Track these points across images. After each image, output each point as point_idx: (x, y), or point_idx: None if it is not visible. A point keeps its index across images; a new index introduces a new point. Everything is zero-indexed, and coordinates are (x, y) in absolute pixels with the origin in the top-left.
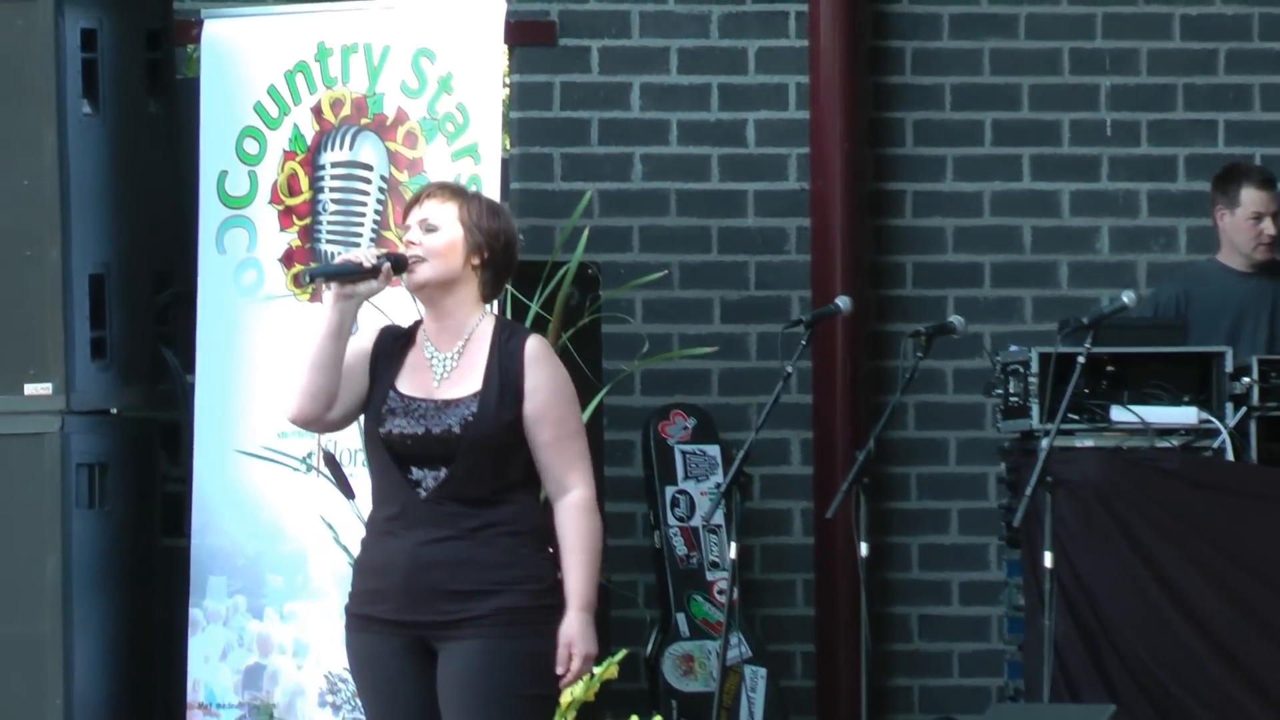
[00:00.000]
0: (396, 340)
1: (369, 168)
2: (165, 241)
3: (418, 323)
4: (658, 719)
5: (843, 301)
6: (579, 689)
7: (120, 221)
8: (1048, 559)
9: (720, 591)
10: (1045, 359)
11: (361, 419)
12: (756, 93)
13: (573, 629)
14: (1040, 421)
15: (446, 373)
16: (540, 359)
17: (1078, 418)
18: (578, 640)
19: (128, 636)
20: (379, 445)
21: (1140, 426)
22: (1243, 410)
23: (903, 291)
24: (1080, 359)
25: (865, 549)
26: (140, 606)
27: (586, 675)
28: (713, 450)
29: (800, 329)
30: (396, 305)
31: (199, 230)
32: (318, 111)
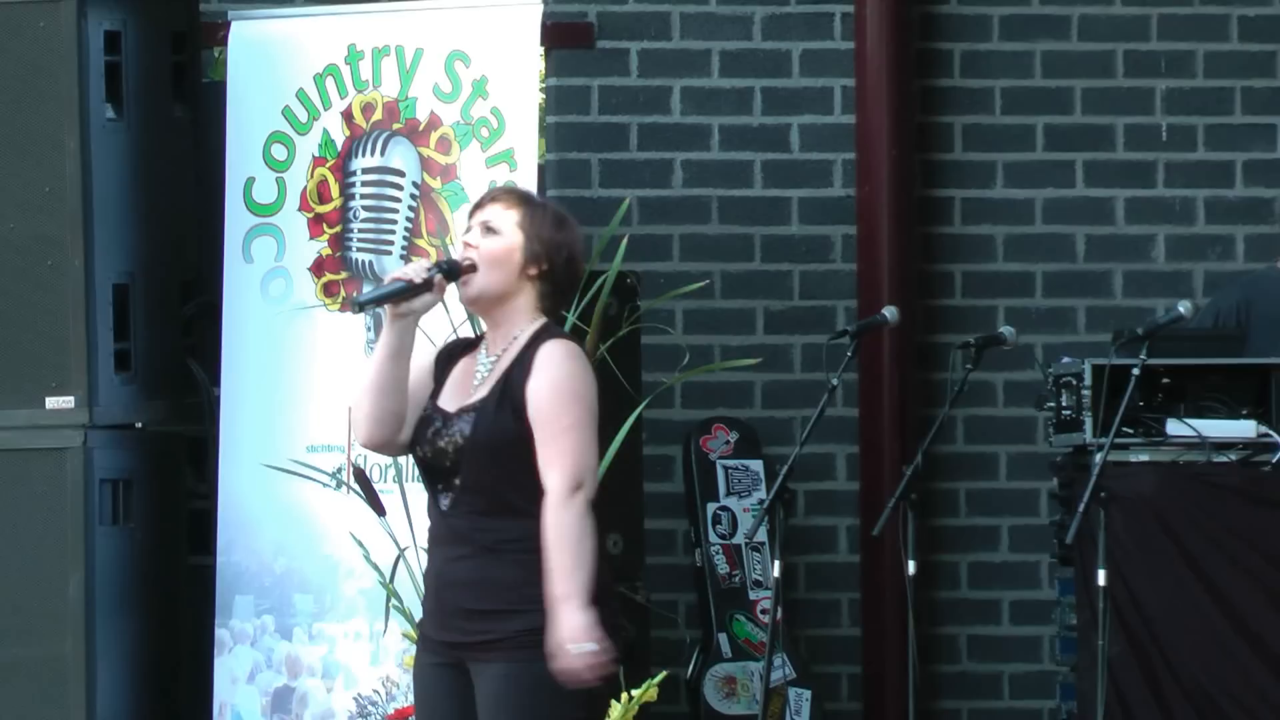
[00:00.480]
0: (460, 348)
1: (401, 174)
2: (191, 250)
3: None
4: None
5: (890, 312)
6: (616, 712)
7: (145, 229)
8: (1101, 577)
9: (763, 611)
10: (1099, 371)
11: None
12: (801, 96)
13: (559, 633)
14: (1094, 435)
15: (481, 381)
16: (546, 361)
17: (1132, 431)
18: (566, 639)
19: (152, 658)
20: (415, 460)
21: (1197, 441)
22: None
23: (952, 301)
24: (1135, 371)
25: (913, 567)
26: (165, 627)
27: (626, 700)
28: (756, 465)
29: (846, 340)
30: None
31: (224, 238)
32: (348, 116)
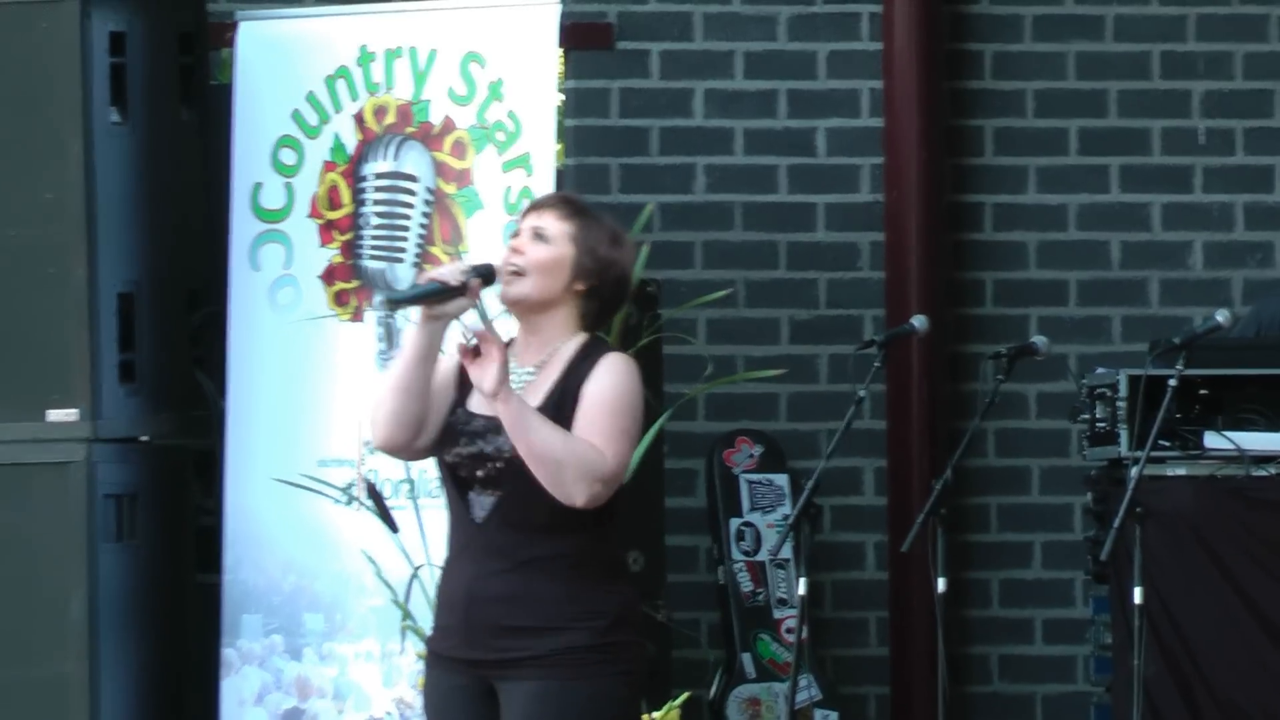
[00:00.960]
0: None
1: (414, 179)
2: (198, 258)
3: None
4: None
5: (919, 321)
6: None
7: (150, 237)
8: (1137, 595)
9: (789, 630)
10: (1135, 382)
11: None
12: (827, 99)
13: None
14: (1129, 449)
15: (521, 389)
16: (611, 368)
17: (1169, 445)
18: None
19: (157, 678)
20: (442, 468)
21: (1236, 454)
22: None
23: (982, 310)
24: (1172, 382)
25: (943, 585)
26: (171, 646)
27: None
28: (780, 479)
29: (874, 350)
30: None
31: (231, 246)
32: (360, 120)
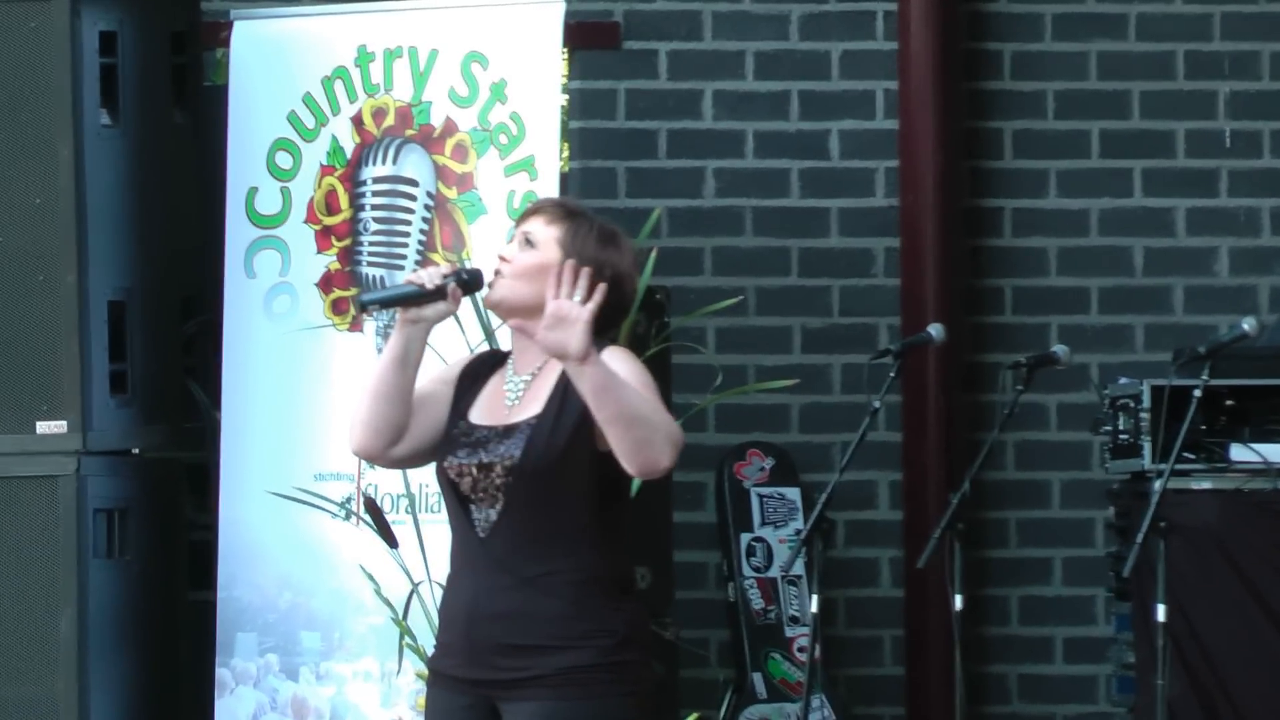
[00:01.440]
0: (486, 365)
1: (414, 183)
2: (191, 265)
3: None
4: None
5: (935, 330)
6: None
7: (142, 243)
8: (1161, 612)
9: (801, 649)
10: (1158, 392)
11: None
12: (840, 100)
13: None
14: (1153, 461)
15: (518, 398)
16: (611, 358)
17: (1194, 457)
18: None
19: (149, 699)
20: (443, 480)
21: (1263, 466)
22: None
23: (1001, 318)
24: (1197, 392)
25: (960, 602)
26: (163, 666)
27: None
28: (792, 493)
29: (889, 360)
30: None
31: (225, 252)
32: (358, 122)
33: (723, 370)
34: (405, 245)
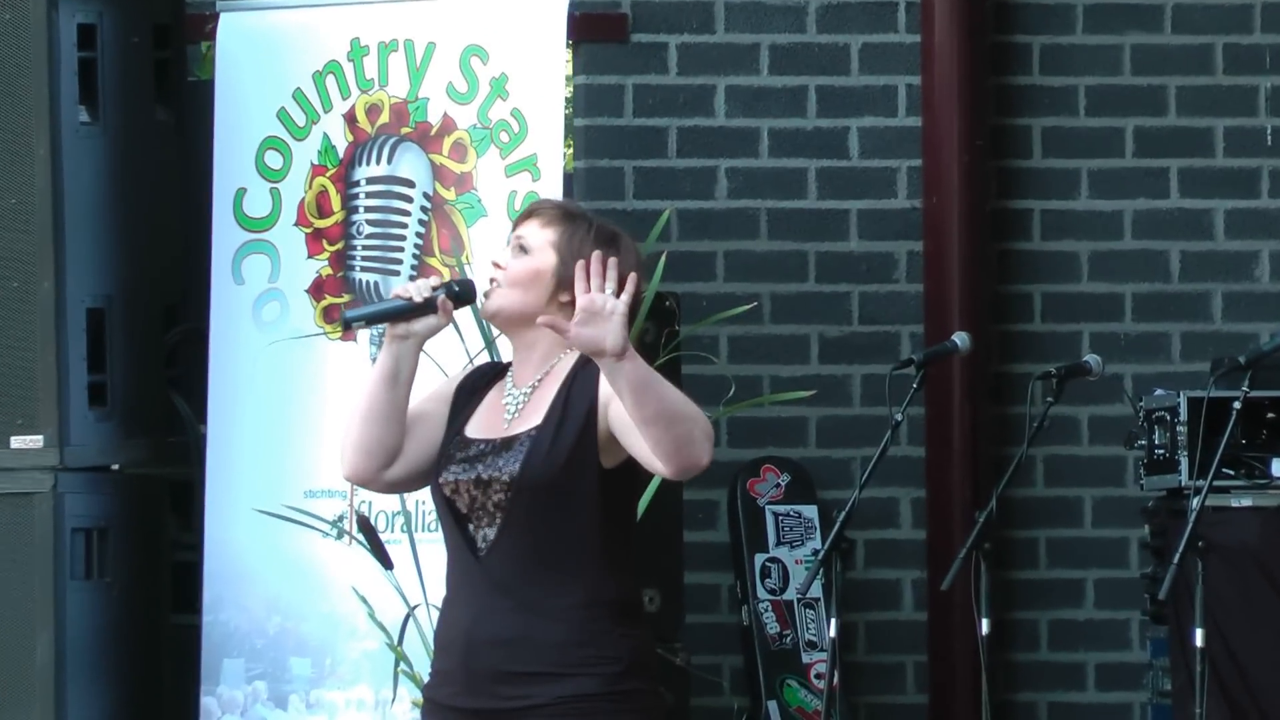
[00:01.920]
0: (484, 378)
1: (410, 184)
2: (175, 270)
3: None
4: None
5: (960, 338)
6: None
7: (123, 247)
8: (1199, 637)
9: (818, 676)
10: (1196, 405)
11: None
12: (861, 96)
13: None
14: (1190, 477)
15: (518, 410)
16: None
17: (1233, 473)
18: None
19: None
20: (438, 498)
21: None
22: None
23: (1030, 326)
24: (1236, 404)
25: (986, 626)
26: (145, 694)
27: None
28: (809, 511)
29: (911, 370)
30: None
31: (212, 257)
32: (351, 119)
33: (736, 381)
34: (401, 249)
